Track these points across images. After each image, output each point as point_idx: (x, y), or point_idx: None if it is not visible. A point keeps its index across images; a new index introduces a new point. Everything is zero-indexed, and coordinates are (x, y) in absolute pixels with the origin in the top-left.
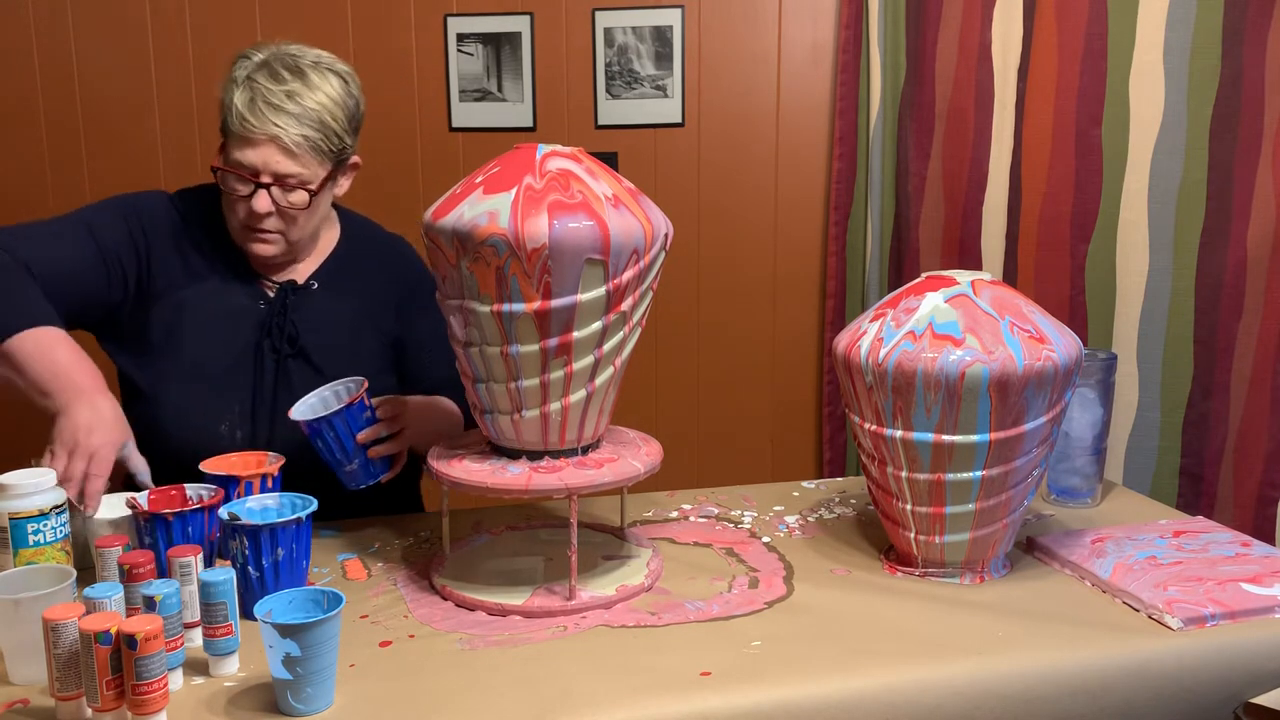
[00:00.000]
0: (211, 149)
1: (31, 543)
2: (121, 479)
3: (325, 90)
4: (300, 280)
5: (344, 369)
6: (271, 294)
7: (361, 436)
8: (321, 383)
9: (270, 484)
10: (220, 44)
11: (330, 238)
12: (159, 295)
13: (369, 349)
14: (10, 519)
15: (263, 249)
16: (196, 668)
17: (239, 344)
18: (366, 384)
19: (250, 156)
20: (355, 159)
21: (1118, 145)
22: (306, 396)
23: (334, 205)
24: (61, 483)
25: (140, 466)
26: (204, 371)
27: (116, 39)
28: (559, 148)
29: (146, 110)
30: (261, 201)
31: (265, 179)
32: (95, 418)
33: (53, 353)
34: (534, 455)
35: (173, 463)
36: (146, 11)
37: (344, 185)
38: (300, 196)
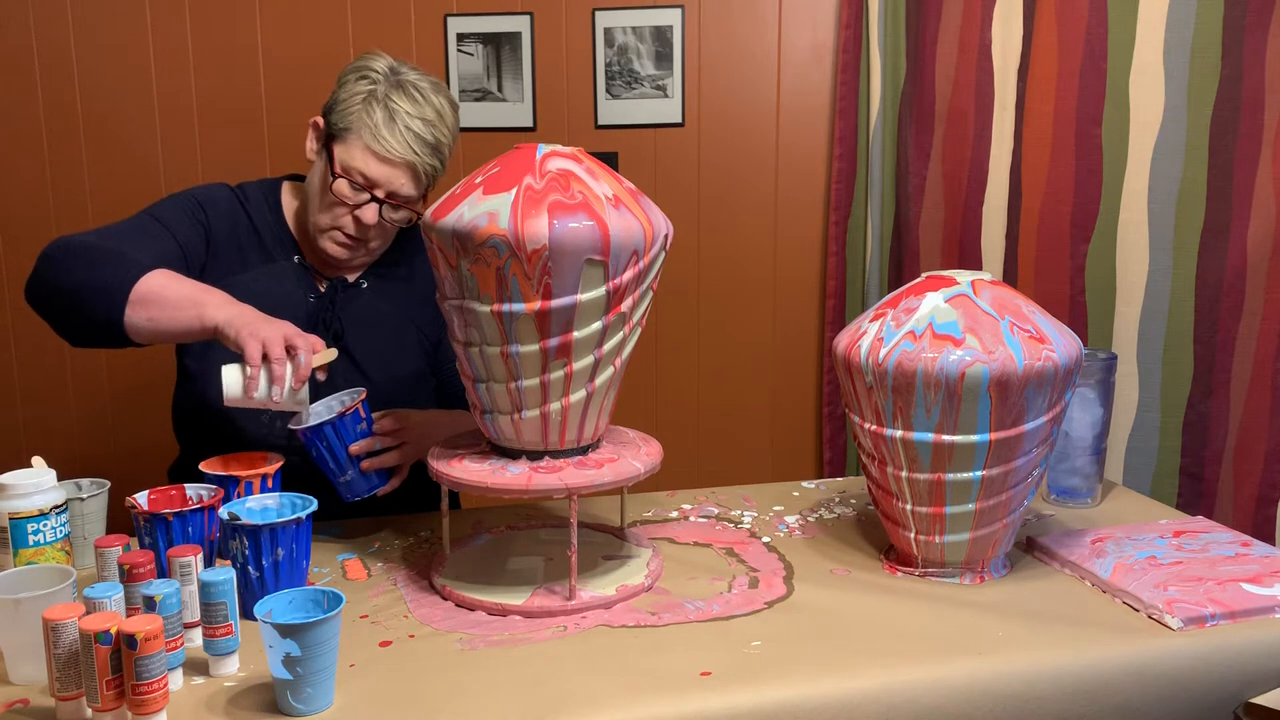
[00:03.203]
0: (211, 149)
1: (31, 543)
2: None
3: (448, 119)
4: (351, 279)
5: (386, 367)
6: (322, 289)
7: (354, 448)
8: (362, 380)
9: (270, 484)
10: (220, 44)
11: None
12: (214, 282)
13: (410, 348)
14: (10, 519)
15: (344, 253)
16: (196, 668)
17: None
18: (364, 395)
19: (377, 172)
20: None
21: (1118, 145)
22: (312, 406)
23: None
24: (263, 363)
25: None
26: None
27: (116, 39)
28: (559, 148)
29: (146, 110)
30: (370, 213)
31: (379, 193)
32: (262, 314)
33: (183, 280)
34: (534, 455)
35: (219, 445)
36: (146, 11)
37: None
38: (405, 215)
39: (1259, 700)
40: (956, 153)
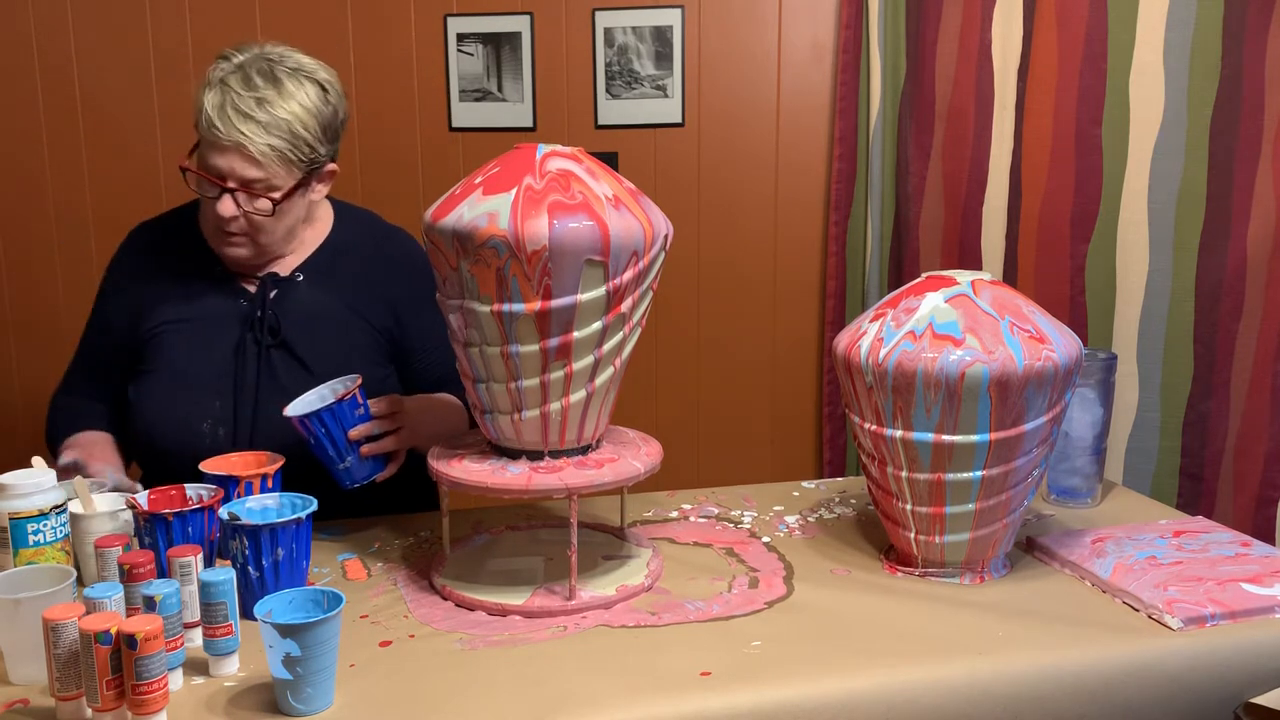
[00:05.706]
0: None
1: (31, 543)
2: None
3: (299, 99)
4: (284, 273)
5: (329, 361)
6: (252, 289)
7: (353, 433)
8: (306, 376)
9: (270, 484)
10: (220, 44)
11: (318, 232)
12: (146, 318)
13: (356, 342)
14: (10, 519)
15: (233, 251)
16: (196, 668)
17: (222, 343)
18: (360, 380)
19: (216, 161)
20: (332, 167)
21: (1118, 145)
22: (304, 395)
23: (332, 200)
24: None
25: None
26: (184, 373)
27: (116, 39)
28: (559, 148)
29: (146, 110)
30: (226, 206)
31: (231, 184)
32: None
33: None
34: (534, 455)
35: (162, 466)
36: (146, 11)
37: (320, 191)
38: (264, 204)
39: (1259, 700)
40: (956, 153)
